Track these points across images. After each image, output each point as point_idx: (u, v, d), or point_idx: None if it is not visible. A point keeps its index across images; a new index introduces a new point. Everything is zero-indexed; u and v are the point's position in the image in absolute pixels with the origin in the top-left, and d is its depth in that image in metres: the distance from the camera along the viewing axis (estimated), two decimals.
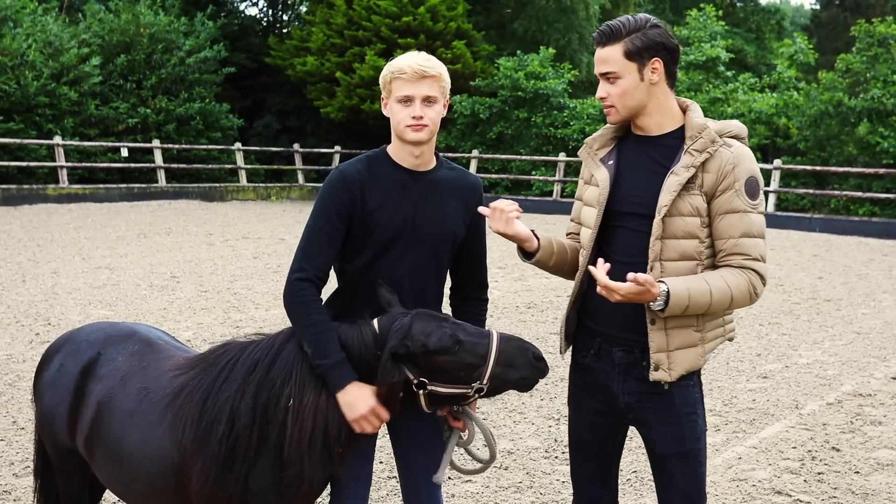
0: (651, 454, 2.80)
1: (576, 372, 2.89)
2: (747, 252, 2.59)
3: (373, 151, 2.90)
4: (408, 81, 2.73)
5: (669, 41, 2.64)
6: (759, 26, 37.19)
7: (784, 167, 20.26)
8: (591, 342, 2.80)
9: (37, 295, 9.42)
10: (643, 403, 2.72)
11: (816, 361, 7.53)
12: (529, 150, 24.80)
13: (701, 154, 2.60)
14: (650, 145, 2.71)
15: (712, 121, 2.69)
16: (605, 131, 2.83)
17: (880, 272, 12.95)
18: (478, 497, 4.53)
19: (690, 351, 2.64)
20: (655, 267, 2.60)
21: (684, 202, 2.59)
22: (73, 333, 3.19)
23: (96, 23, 24.45)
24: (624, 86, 2.63)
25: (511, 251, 14.18)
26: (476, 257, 3.01)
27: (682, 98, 2.76)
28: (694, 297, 2.53)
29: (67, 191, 20.56)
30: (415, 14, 24.51)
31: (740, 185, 2.59)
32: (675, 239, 2.60)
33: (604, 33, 2.65)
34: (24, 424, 5.41)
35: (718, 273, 2.60)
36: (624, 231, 2.69)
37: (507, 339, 2.63)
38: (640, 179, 2.68)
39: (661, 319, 2.60)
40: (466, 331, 2.62)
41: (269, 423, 2.57)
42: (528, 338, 8.11)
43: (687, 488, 2.72)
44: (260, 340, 2.71)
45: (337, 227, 2.76)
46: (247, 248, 13.82)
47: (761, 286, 2.63)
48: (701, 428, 2.75)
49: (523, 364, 2.60)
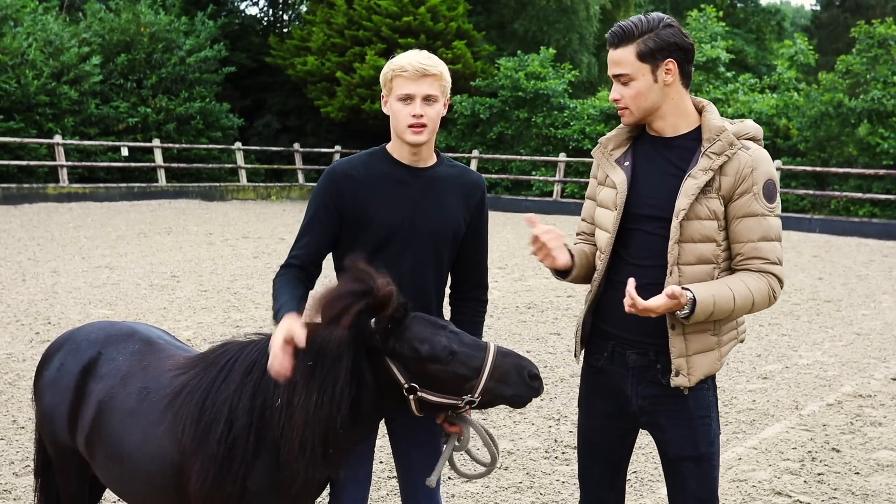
0: (664, 457, 2.77)
1: (588, 374, 2.86)
2: (766, 256, 2.57)
3: (373, 148, 2.92)
4: (409, 79, 2.73)
5: (684, 41, 2.59)
6: (759, 27, 37.20)
7: (784, 168, 20.25)
8: (604, 345, 2.77)
9: (37, 294, 9.42)
10: (657, 407, 2.70)
11: (816, 362, 7.53)
12: (529, 150, 24.80)
13: (719, 157, 2.56)
14: (665, 147, 2.67)
15: (728, 122, 2.66)
16: (619, 131, 2.78)
17: (880, 273, 12.95)
18: (478, 497, 4.53)
19: (708, 355, 2.63)
20: (674, 271, 2.58)
21: (702, 206, 2.55)
22: (73, 333, 3.18)
23: (97, 22, 24.45)
24: (637, 88, 2.59)
25: (511, 251, 14.18)
26: (475, 256, 2.99)
27: (697, 98, 2.71)
28: (719, 304, 2.51)
29: (67, 190, 20.56)
30: (415, 14, 24.51)
31: (758, 189, 2.55)
32: (692, 243, 2.57)
33: (616, 34, 2.60)
34: (24, 423, 5.40)
35: (738, 278, 2.58)
36: (639, 234, 2.65)
37: (505, 355, 2.56)
38: (656, 182, 2.64)
39: (680, 325, 2.58)
40: (462, 341, 2.57)
41: (266, 425, 2.55)
42: (528, 338, 8.11)
43: (700, 492, 2.70)
44: (259, 340, 2.70)
45: (323, 221, 2.80)
46: (247, 248, 13.82)
47: (779, 289, 2.62)
48: (715, 431, 2.73)
49: (517, 382, 2.54)
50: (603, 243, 2.71)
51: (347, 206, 2.78)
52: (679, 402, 2.67)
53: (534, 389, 2.55)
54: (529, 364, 2.56)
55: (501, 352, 2.57)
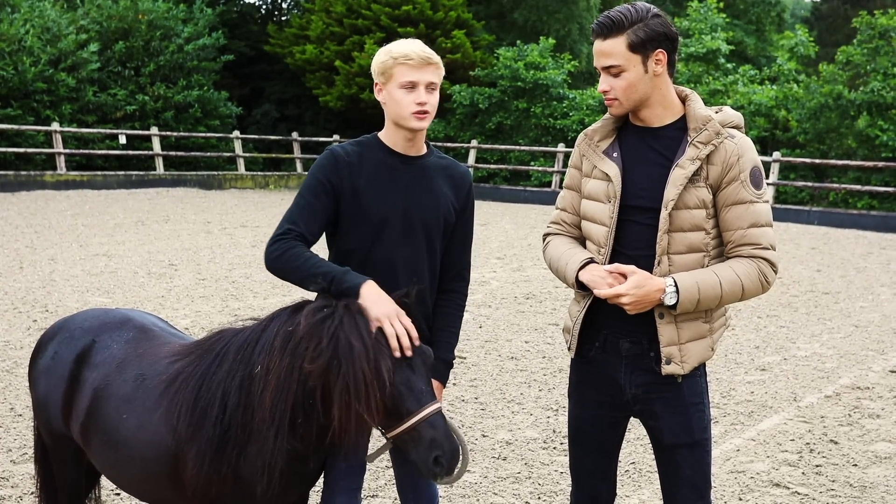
0: (657, 445, 2.78)
1: (579, 365, 2.85)
2: (757, 241, 2.60)
3: (364, 137, 2.90)
4: (414, 67, 2.73)
5: (671, 31, 2.60)
6: (759, 18, 37.05)
7: (783, 160, 20.23)
8: (595, 335, 2.76)
9: (34, 282, 9.40)
10: (651, 394, 2.70)
11: (815, 354, 7.53)
12: (528, 140, 24.76)
13: (706, 146, 2.57)
14: (652, 137, 2.67)
15: (712, 111, 2.66)
16: (605, 123, 2.77)
17: (878, 265, 12.95)
18: (476, 487, 4.53)
19: (701, 343, 2.65)
20: (663, 261, 2.59)
21: (690, 195, 2.57)
22: (67, 321, 3.17)
23: (94, 9, 24.33)
24: (629, 79, 2.58)
25: (509, 241, 14.15)
26: (458, 248, 2.98)
27: (680, 87, 2.72)
28: (704, 291, 2.54)
29: (65, 177, 20.50)
30: (414, 3, 24.42)
31: (745, 176, 2.58)
32: (682, 232, 2.59)
33: (605, 25, 2.58)
34: (21, 411, 5.39)
35: (727, 264, 2.60)
36: (630, 225, 2.65)
37: (433, 425, 2.43)
38: (645, 172, 2.65)
39: (669, 313, 2.59)
40: (411, 385, 2.46)
41: (251, 397, 2.54)
42: (526, 329, 8.10)
43: (694, 478, 2.72)
44: (254, 325, 2.69)
45: (322, 201, 2.75)
46: (245, 237, 13.79)
47: (772, 274, 2.63)
48: (707, 418, 2.75)
49: (424, 456, 2.43)
50: (600, 237, 2.70)
51: (346, 187, 2.76)
52: (673, 390, 2.68)
53: (431, 472, 2.43)
54: (446, 450, 2.42)
55: (434, 420, 2.44)
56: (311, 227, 2.73)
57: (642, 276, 2.54)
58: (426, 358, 2.56)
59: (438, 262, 2.92)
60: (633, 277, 2.53)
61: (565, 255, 2.76)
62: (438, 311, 2.94)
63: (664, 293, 2.54)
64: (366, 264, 2.75)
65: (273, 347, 2.51)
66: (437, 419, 2.45)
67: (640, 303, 2.54)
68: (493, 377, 6.53)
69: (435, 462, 2.43)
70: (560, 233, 2.90)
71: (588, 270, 2.64)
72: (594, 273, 2.62)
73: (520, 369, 6.76)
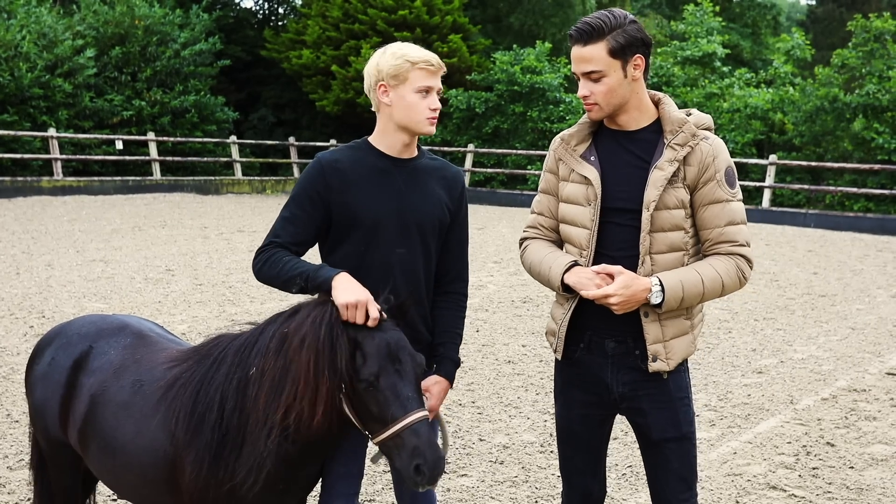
0: (645, 441, 2.84)
1: (564, 366, 2.90)
2: (734, 239, 2.69)
3: (354, 141, 2.91)
4: (432, 73, 2.77)
5: (646, 36, 2.68)
6: (755, 21, 37.13)
7: (779, 163, 20.27)
8: (580, 336, 2.80)
9: (31, 287, 9.39)
10: (638, 392, 2.76)
11: (811, 357, 7.55)
12: (525, 144, 24.76)
13: (683, 148, 2.67)
14: (628, 140, 2.74)
15: (685, 113, 2.74)
16: (581, 127, 2.83)
17: (875, 268, 12.97)
18: (473, 491, 4.53)
19: (684, 339, 2.74)
20: (646, 261, 2.66)
21: (670, 196, 2.65)
22: (64, 327, 3.17)
23: (91, 14, 24.32)
24: (609, 84, 2.65)
25: (506, 245, 14.16)
26: (456, 249, 2.99)
27: (652, 91, 2.79)
28: (687, 288, 2.62)
29: (62, 183, 20.48)
30: (411, 7, 24.46)
31: (721, 176, 2.68)
32: (663, 232, 2.67)
33: (584, 32, 2.64)
34: (18, 417, 5.39)
35: (707, 262, 2.69)
36: (611, 226, 2.72)
37: (416, 433, 2.42)
38: (623, 175, 2.71)
39: (654, 312, 2.66)
40: (397, 390, 2.46)
41: (247, 399, 2.55)
42: (524, 332, 8.11)
43: (682, 471, 2.80)
44: (251, 329, 2.70)
45: (309, 211, 2.78)
46: (242, 242, 13.79)
47: (749, 270, 2.73)
48: (692, 411, 2.84)
49: (405, 465, 2.42)
50: (582, 239, 2.75)
51: (335, 197, 2.77)
52: (660, 386, 2.75)
53: (412, 480, 2.42)
54: (428, 459, 2.41)
55: (418, 428, 2.43)
56: (296, 238, 2.78)
57: (629, 276, 2.60)
58: (416, 365, 2.55)
59: (434, 263, 2.93)
60: (620, 278, 2.59)
61: (547, 258, 2.80)
62: (441, 312, 2.95)
63: (650, 292, 2.60)
64: (362, 267, 2.76)
65: (268, 349, 2.53)
66: (420, 427, 2.45)
67: (628, 303, 2.60)
68: (490, 381, 6.54)
69: (416, 471, 2.42)
70: (538, 237, 2.94)
71: (574, 273, 2.69)
72: (581, 275, 2.66)
73: (517, 373, 6.76)
